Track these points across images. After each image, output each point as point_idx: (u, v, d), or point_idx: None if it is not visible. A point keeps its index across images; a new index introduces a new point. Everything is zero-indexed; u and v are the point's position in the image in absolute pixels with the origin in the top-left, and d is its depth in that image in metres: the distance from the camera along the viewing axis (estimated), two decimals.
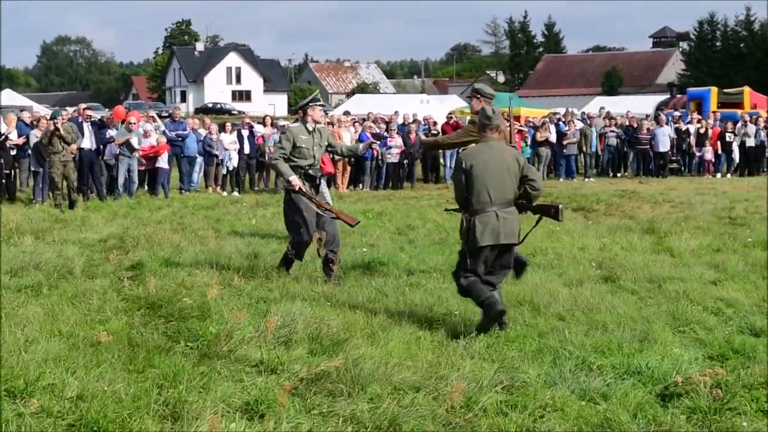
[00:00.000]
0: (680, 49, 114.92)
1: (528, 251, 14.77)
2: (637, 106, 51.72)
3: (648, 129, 35.16)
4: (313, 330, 9.13)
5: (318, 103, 12.81)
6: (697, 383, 7.33)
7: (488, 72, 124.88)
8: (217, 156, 27.92)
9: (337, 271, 12.54)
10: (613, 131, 35.04)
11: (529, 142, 33.35)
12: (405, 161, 30.44)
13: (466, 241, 9.67)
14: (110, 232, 17.22)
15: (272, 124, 30.05)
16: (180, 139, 27.34)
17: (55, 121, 21.51)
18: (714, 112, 41.32)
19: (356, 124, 31.36)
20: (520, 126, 34.11)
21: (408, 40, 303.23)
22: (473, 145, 10.36)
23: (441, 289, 11.67)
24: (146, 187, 25.91)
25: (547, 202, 13.70)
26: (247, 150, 28.31)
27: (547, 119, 35.21)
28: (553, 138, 33.73)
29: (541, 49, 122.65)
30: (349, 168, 29.04)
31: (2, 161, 17.34)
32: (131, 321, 9.89)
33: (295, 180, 12.35)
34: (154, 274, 12.44)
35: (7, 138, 17.69)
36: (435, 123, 33.08)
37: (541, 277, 12.34)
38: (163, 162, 25.60)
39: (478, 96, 11.83)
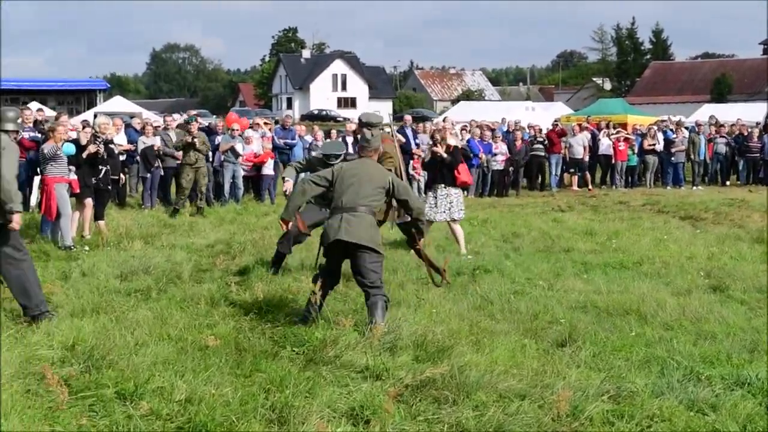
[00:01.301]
0: None
1: (635, 259, 14.68)
2: (748, 113, 50.70)
3: (758, 137, 34.49)
4: (418, 337, 9.14)
5: None
6: None
7: (594, 79, 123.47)
8: None
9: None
10: (723, 137, 34.44)
11: (636, 150, 33.01)
12: (510, 168, 30.28)
13: None
14: (217, 237, 17.42)
15: None
16: (288, 147, 27.55)
17: (191, 130, 22.00)
18: None
19: (463, 131, 31.16)
20: (627, 134, 33.81)
21: (514, 48, 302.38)
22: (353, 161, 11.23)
23: (546, 297, 11.63)
24: (252, 193, 26.15)
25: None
26: None
27: (655, 127, 34.74)
28: (660, 146, 33.30)
29: (648, 56, 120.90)
30: None
31: (108, 167, 17.61)
32: (238, 326, 10.04)
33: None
34: (261, 279, 12.58)
35: (109, 142, 18.04)
36: (540, 130, 32.80)
37: (648, 286, 12.23)
38: (268, 169, 25.80)
39: (368, 127, 12.90)
